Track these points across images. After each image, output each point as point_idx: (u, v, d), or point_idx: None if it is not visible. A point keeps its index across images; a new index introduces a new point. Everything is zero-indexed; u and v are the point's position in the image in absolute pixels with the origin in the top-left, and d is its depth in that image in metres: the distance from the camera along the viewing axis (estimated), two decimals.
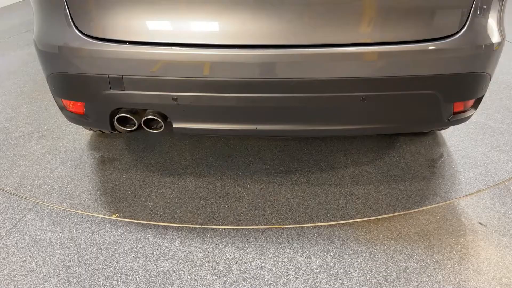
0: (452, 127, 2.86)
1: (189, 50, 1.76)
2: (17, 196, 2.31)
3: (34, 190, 2.36)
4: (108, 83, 1.83)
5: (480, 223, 2.08)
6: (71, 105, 2.02)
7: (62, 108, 2.10)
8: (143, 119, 1.97)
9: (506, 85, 3.57)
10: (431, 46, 1.78)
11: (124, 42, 1.79)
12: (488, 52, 1.85)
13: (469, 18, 1.79)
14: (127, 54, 1.78)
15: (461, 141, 2.77)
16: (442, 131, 2.87)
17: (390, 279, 1.79)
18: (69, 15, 1.79)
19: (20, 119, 3.11)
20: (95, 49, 1.78)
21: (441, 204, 2.22)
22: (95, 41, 1.79)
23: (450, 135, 2.82)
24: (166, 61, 1.78)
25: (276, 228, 2.08)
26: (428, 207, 2.21)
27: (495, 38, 1.85)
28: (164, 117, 1.99)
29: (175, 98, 1.86)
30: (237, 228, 2.07)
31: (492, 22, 1.84)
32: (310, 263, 1.88)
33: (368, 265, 1.86)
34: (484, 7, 1.78)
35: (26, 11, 5.85)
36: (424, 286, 1.76)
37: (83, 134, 2.88)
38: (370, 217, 2.14)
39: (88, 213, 2.18)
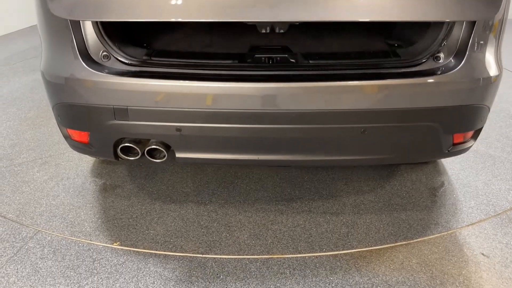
0: None
1: (193, 83, 1.80)
2: (19, 223, 2.32)
3: (35, 217, 2.36)
4: (113, 113, 1.86)
5: (483, 254, 2.07)
6: (75, 134, 2.05)
7: (67, 137, 2.13)
8: (147, 148, 2.00)
9: (505, 113, 3.60)
10: (430, 79, 1.81)
11: (130, 74, 1.83)
12: (486, 85, 1.88)
13: (467, 52, 1.84)
14: (132, 86, 1.82)
15: (462, 170, 2.78)
16: (442, 160, 2.89)
17: None
18: (76, 48, 1.84)
19: (24, 145, 3.13)
20: (101, 81, 1.82)
21: (443, 234, 2.22)
22: (101, 73, 1.83)
23: (451, 164, 2.84)
24: (170, 93, 1.82)
25: (277, 258, 2.07)
26: (430, 237, 2.20)
27: (492, 71, 1.89)
28: (167, 147, 2.02)
29: (178, 129, 1.88)
30: (239, 258, 2.07)
31: (489, 56, 1.88)
32: None
33: None
34: (481, 42, 1.83)
35: (33, 37, 5.96)
36: None
37: (86, 161, 2.90)
38: (372, 247, 2.14)
39: (90, 241, 2.18)
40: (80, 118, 1.98)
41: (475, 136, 2.11)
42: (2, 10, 6.02)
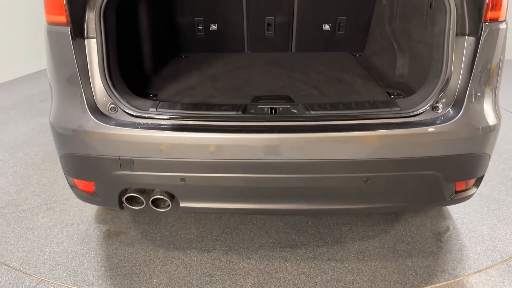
0: None
1: (197, 134, 1.85)
2: (22, 272, 2.31)
3: (39, 266, 2.35)
4: (119, 164, 1.90)
5: None
6: (81, 184, 2.08)
7: (73, 187, 2.15)
8: (151, 198, 2.02)
9: (508, 155, 3.62)
10: (430, 129, 1.85)
11: (136, 126, 1.88)
12: (485, 134, 1.92)
13: (465, 102, 1.88)
14: (138, 138, 1.86)
15: (466, 214, 2.77)
16: None
17: None
18: (85, 101, 1.90)
19: (29, 191, 3.16)
20: (108, 133, 1.87)
21: (449, 282, 2.19)
22: (108, 125, 1.88)
23: (455, 208, 2.83)
24: (175, 144, 1.86)
25: None
26: (436, 285, 2.17)
27: (491, 120, 1.93)
28: (171, 196, 2.04)
29: (183, 179, 1.91)
30: None
31: (487, 105, 1.93)
32: None
33: None
34: (478, 94, 1.88)
35: (41, 82, 6.11)
36: None
37: (90, 206, 2.91)
38: None
39: None
40: (87, 169, 2.02)
41: (477, 184, 2.12)
42: (10, 55, 6.21)
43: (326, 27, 3.36)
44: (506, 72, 2.20)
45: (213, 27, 3.40)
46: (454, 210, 2.81)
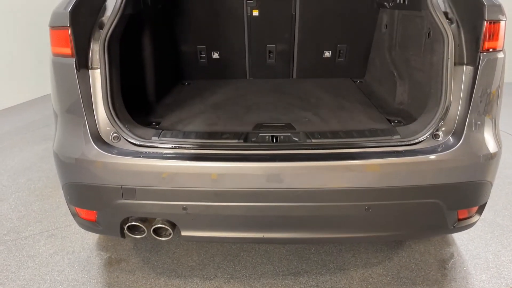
0: None
1: (199, 163, 1.86)
2: None
3: None
4: (121, 193, 1.91)
5: None
6: (83, 213, 2.08)
7: (75, 215, 2.16)
8: (153, 227, 2.02)
9: (511, 180, 3.61)
10: (430, 157, 1.86)
11: (138, 155, 1.90)
12: (486, 162, 1.92)
13: (465, 131, 1.90)
14: (141, 166, 1.88)
15: (470, 240, 2.74)
16: None
17: None
18: (88, 130, 1.92)
19: (31, 217, 3.16)
20: (111, 162, 1.89)
21: None
22: (111, 154, 1.90)
23: (459, 234, 2.80)
24: (177, 173, 1.87)
25: None
26: None
27: (491, 148, 1.94)
28: (173, 225, 2.04)
29: (184, 208, 1.92)
30: None
31: (487, 133, 1.94)
32: None
33: None
34: (478, 122, 1.90)
35: (45, 107, 6.18)
36: None
37: (91, 233, 2.90)
38: None
39: None
40: (89, 198, 2.02)
41: (480, 211, 2.11)
42: (14, 80, 6.29)
43: (327, 54, 3.41)
44: (508, 95, 2.22)
45: (216, 55, 3.46)
46: (458, 236, 2.78)
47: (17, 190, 3.60)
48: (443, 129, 1.95)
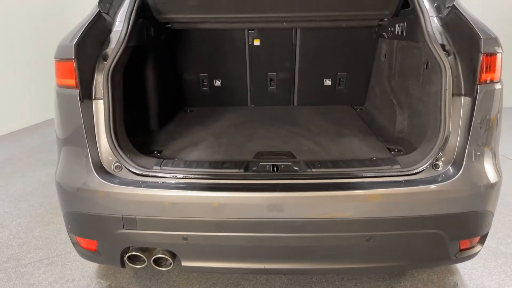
0: None
1: (200, 193, 1.87)
2: None
3: None
4: (122, 223, 1.91)
5: None
6: (84, 242, 2.08)
7: (75, 244, 2.15)
8: (153, 257, 2.01)
9: None
10: (431, 187, 1.86)
11: (139, 184, 1.91)
12: (486, 192, 1.93)
13: (465, 161, 1.91)
14: (142, 196, 1.89)
15: (474, 269, 2.72)
16: None
17: None
18: (90, 160, 1.94)
19: (32, 244, 3.15)
20: (112, 191, 1.90)
21: None
22: (112, 184, 1.91)
23: (462, 263, 2.78)
24: (178, 203, 1.88)
25: None
26: None
27: (491, 177, 1.94)
28: (173, 255, 2.03)
29: (184, 238, 1.92)
30: None
31: (487, 163, 1.95)
32: None
33: None
34: (478, 152, 1.91)
35: (48, 131, 6.23)
36: None
37: None
38: None
39: None
40: (90, 227, 2.03)
41: (482, 241, 2.10)
42: (18, 105, 6.36)
43: (327, 82, 3.46)
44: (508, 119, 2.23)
45: (218, 83, 3.51)
46: (461, 265, 2.75)
47: (19, 216, 3.60)
48: (442, 159, 1.96)
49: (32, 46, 6.45)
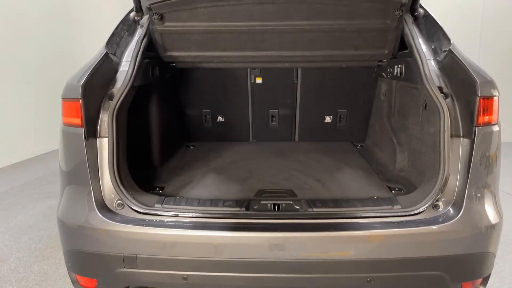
0: None
1: (201, 232, 1.87)
2: None
3: None
4: (122, 261, 1.91)
5: None
6: (83, 280, 2.07)
7: (74, 282, 2.14)
8: None
9: None
10: (431, 228, 1.87)
11: (141, 223, 1.93)
12: (487, 233, 1.93)
13: (465, 201, 1.92)
14: (143, 235, 1.89)
15: None
16: None
17: None
18: (93, 198, 1.96)
19: (30, 279, 3.11)
20: (114, 230, 1.91)
21: None
22: (114, 222, 1.92)
23: None
24: (179, 242, 1.88)
25: None
26: None
27: (492, 218, 1.95)
28: None
29: (185, 277, 1.91)
30: None
31: (487, 204, 1.96)
32: None
33: None
34: (478, 194, 1.92)
35: (50, 163, 6.27)
36: None
37: None
38: None
39: None
40: (90, 265, 2.02)
41: (484, 283, 2.08)
42: (20, 136, 6.42)
43: (328, 119, 3.51)
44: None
45: (220, 119, 3.57)
46: None
47: (18, 250, 3.58)
48: (443, 199, 1.97)
49: (37, 79, 6.58)
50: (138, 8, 2.64)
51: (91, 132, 2.01)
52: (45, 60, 6.69)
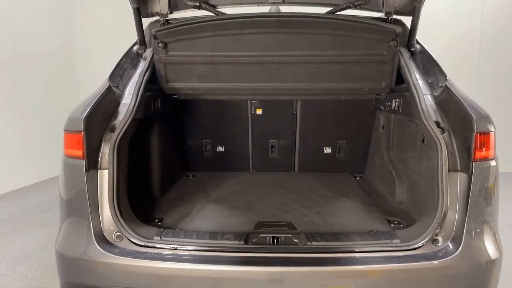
0: None
1: (198, 266, 1.87)
2: None
3: None
4: None
5: None
6: None
7: None
8: None
9: None
10: (431, 263, 1.86)
11: (139, 255, 1.92)
12: (487, 268, 1.92)
13: (464, 237, 1.92)
14: (141, 268, 1.89)
15: None
16: None
17: None
18: (92, 230, 1.96)
19: None
20: (112, 262, 1.90)
21: None
22: (112, 254, 1.92)
23: None
24: (177, 276, 1.87)
25: None
26: None
27: (492, 254, 1.95)
28: None
29: None
30: None
31: (487, 239, 1.96)
32: None
33: None
34: (477, 229, 1.93)
35: (50, 190, 6.26)
36: None
37: None
38: None
39: None
40: None
41: None
42: (21, 162, 6.44)
43: (327, 149, 3.54)
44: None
45: (220, 149, 3.60)
46: None
47: (14, 280, 3.54)
48: (442, 234, 1.97)
49: (39, 107, 6.65)
50: (142, 41, 2.71)
51: (92, 164, 2.03)
52: (47, 90, 6.78)
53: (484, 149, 1.96)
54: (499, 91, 6.84)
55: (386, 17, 2.78)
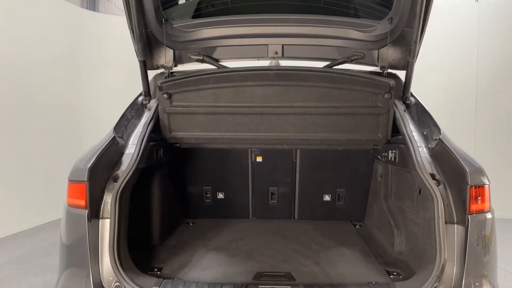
0: None
1: None
2: None
3: None
4: None
5: None
6: None
7: None
8: None
9: None
10: None
11: None
12: None
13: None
14: None
15: None
16: None
17: None
18: (91, 281, 1.97)
19: None
20: None
21: None
22: None
23: None
24: None
25: None
26: None
27: None
28: None
29: None
30: None
31: None
32: None
33: None
34: (477, 284, 1.93)
35: (50, 233, 6.21)
36: None
37: None
38: None
39: None
40: None
41: None
42: (21, 206, 6.43)
43: (327, 197, 3.57)
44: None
45: (220, 195, 3.63)
46: None
47: None
48: (441, 286, 1.97)
49: (41, 150, 6.72)
50: (147, 92, 2.82)
51: (94, 214, 2.06)
52: (50, 134, 6.89)
53: (479, 202, 1.99)
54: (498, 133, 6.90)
55: (381, 70, 2.90)
